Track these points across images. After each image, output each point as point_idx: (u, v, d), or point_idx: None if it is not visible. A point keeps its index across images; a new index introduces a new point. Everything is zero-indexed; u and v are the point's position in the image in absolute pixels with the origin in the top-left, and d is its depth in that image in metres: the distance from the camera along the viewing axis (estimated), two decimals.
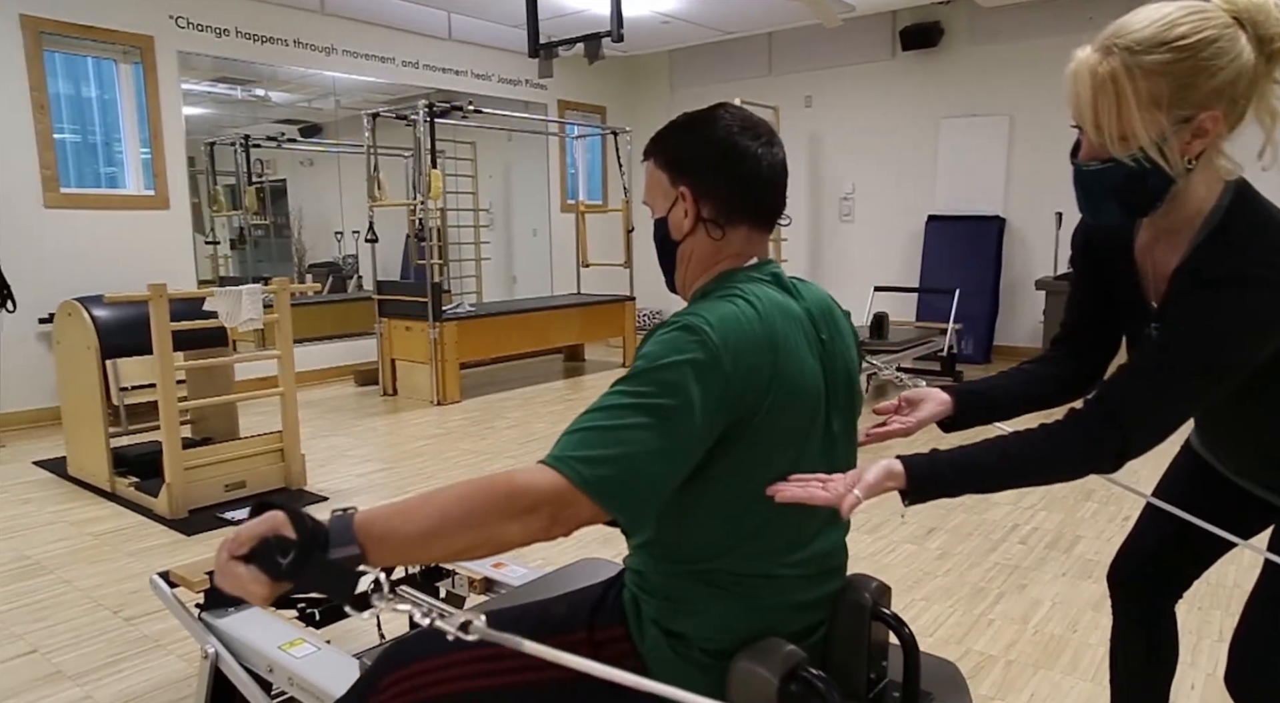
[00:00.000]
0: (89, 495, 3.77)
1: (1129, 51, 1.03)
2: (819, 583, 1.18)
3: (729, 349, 1.02)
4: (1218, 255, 1.09)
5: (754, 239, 1.21)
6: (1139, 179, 1.07)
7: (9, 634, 2.49)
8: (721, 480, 1.07)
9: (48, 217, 5.10)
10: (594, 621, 1.19)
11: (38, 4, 5.02)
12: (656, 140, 1.24)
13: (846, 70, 7.76)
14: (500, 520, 0.91)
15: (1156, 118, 1.03)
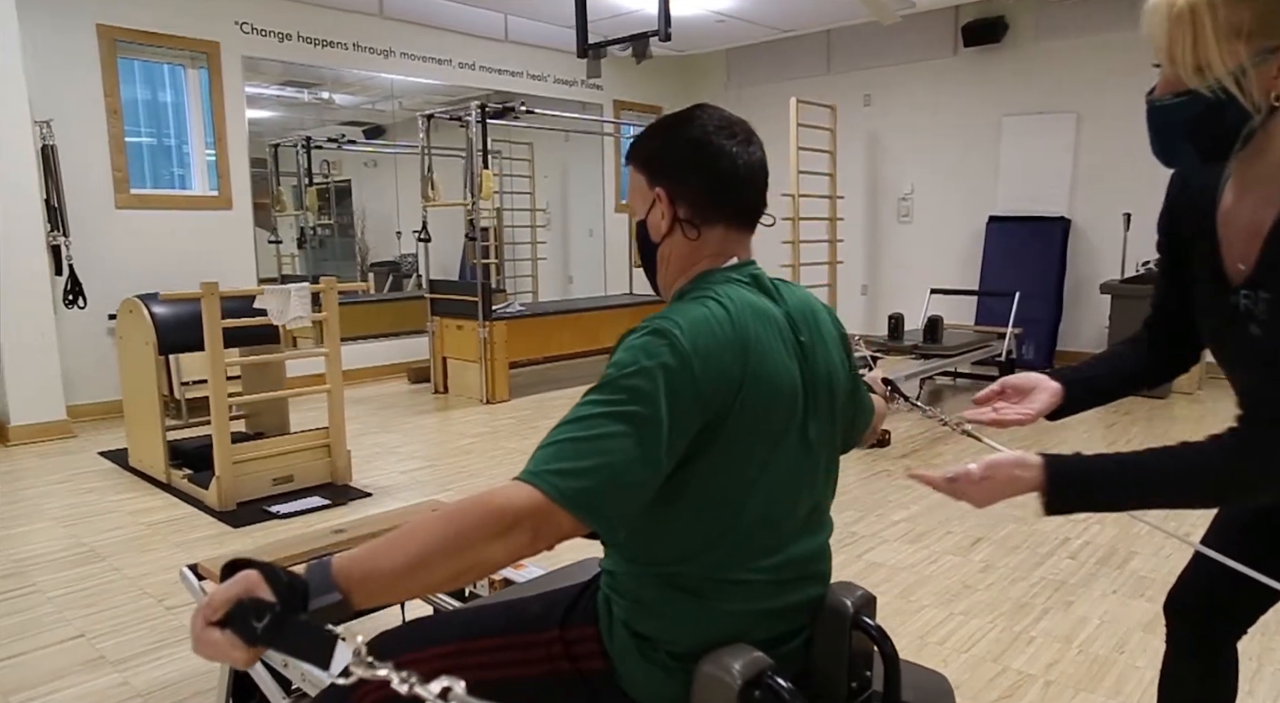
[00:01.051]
0: (146, 486, 3.91)
1: None
2: (794, 589, 1.15)
3: (699, 352, 1.01)
4: None
5: (732, 239, 1.19)
6: (1215, 113, 0.99)
7: (61, 619, 2.59)
8: (690, 483, 1.06)
9: (118, 217, 5.31)
10: (566, 620, 1.19)
11: (113, 13, 5.23)
12: (635, 143, 1.23)
13: (907, 68, 7.59)
14: (482, 543, 0.89)
15: (1236, 48, 0.95)
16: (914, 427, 4.93)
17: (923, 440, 4.63)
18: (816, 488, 1.18)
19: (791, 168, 7.14)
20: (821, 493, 1.20)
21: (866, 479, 3.96)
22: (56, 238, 4.86)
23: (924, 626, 2.48)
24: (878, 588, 2.74)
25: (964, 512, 3.45)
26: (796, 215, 7.17)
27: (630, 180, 1.23)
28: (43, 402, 4.73)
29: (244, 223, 5.97)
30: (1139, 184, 6.30)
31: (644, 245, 1.24)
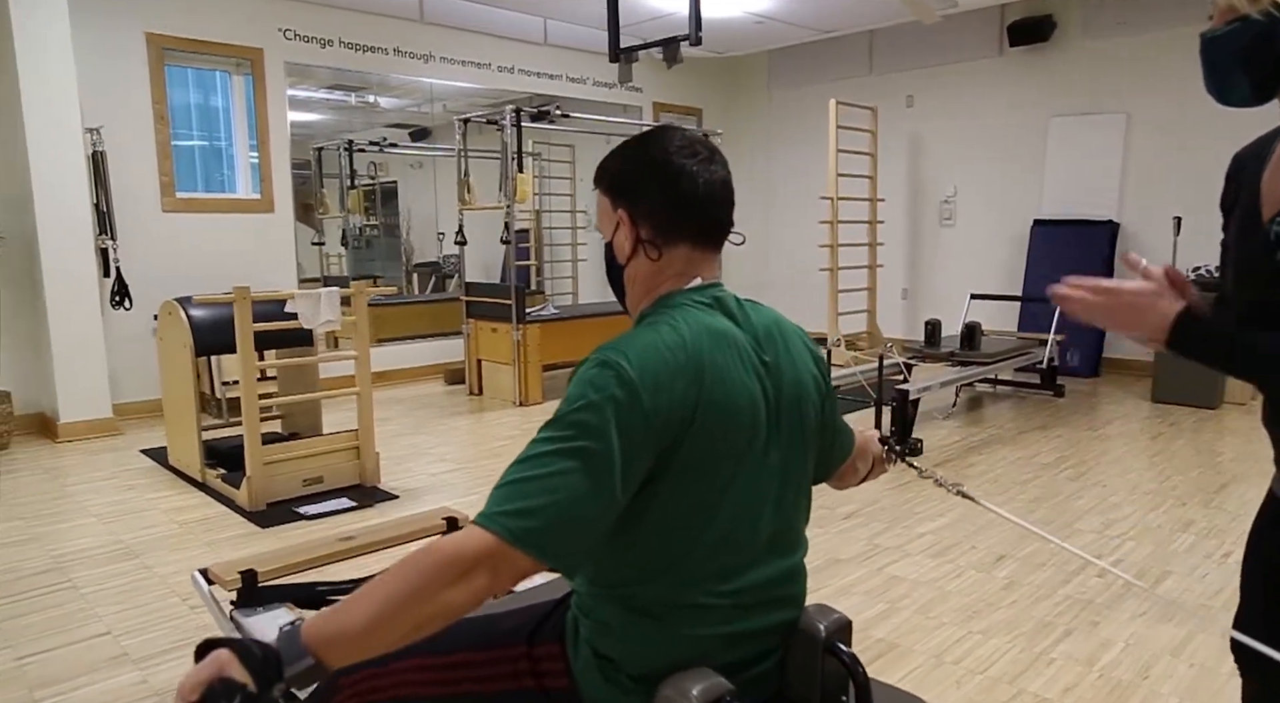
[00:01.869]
0: (183, 485, 4.01)
1: None
2: (761, 613, 1.15)
3: (647, 381, 1.01)
4: None
5: (696, 259, 1.18)
6: (1267, 37, 1.00)
7: (92, 615, 2.67)
8: (646, 509, 1.06)
9: (164, 220, 5.46)
10: (534, 637, 1.21)
11: (161, 23, 5.38)
12: (600, 165, 1.23)
13: (951, 68, 7.45)
14: (442, 590, 0.91)
15: None
16: (949, 436, 4.83)
17: (957, 450, 4.54)
18: (784, 511, 1.17)
19: (830, 170, 7.06)
20: (790, 517, 1.19)
21: (895, 489, 3.89)
22: (104, 241, 5.02)
23: (941, 644, 2.43)
24: (897, 604, 2.69)
25: (990, 526, 3.37)
26: (835, 219, 7.09)
27: (597, 202, 1.23)
28: (90, 400, 4.88)
29: (285, 226, 6.10)
30: (1190, 187, 6.09)
31: (610, 267, 1.24)
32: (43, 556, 3.17)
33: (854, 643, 2.33)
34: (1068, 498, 3.72)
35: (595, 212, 1.26)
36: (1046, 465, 4.21)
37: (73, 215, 4.76)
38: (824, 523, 3.45)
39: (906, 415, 4.39)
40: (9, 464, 4.43)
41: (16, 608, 2.74)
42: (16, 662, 2.39)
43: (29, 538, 3.36)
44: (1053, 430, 4.89)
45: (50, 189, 4.68)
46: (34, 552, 3.21)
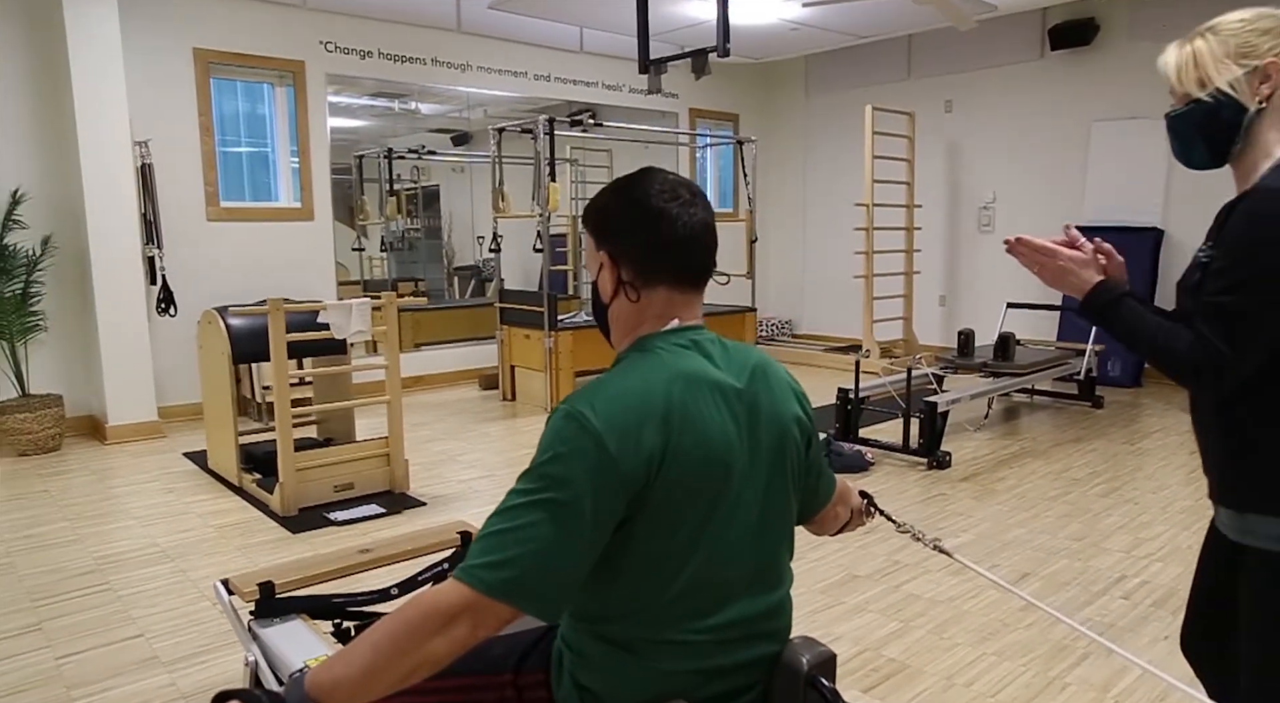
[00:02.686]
0: (220, 488, 4.14)
1: (1210, 29, 1.31)
2: (741, 648, 1.16)
3: (613, 430, 1.03)
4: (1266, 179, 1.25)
5: (676, 301, 1.20)
6: (1215, 112, 1.29)
7: (126, 618, 2.78)
8: (621, 550, 1.08)
9: (208, 229, 5.63)
10: (521, 664, 1.25)
11: (208, 38, 5.55)
12: (587, 205, 1.25)
13: (990, 72, 7.34)
14: (425, 641, 0.99)
15: (1228, 65, 1.28)
16: (980, 448, 4.78)
17: (987, 463, 4.48)
18: (765, 549, 1.19)
19: (866, 176, 7.01)
20: (772, 553, 1.20)
21: (922, 502, 3.86)
22: (151, 250, 5.19)
23: (953, 665, 2.42)
24: (911, 623, 2.68)
25: (1014, 544, 3.33)
26: (870, 225, 7.03)
27: (585, 242, 1.25)
28: (136, 403, 5.06)
29: (325, 233, 6.24)
30: None
31: (595, 306, 1.26)
32: (85, 557, 3.31)
33: (865, 662, 2.34)
34: (1097, 515, 3.65)
35: (584, 252, 1.29)
36: (1078, 481, 4.14)
37: (122, 225, 4.94)
38: (844, 538, 3.43)
39: (935, 427, 4.35)
40: (60, 465, 4.61)
41: (59, 608, 2.86)
42: (55, 661, 2.50)
43: (74, 539, 3.50)
44: (1088, 444, 4.80)
45: (101, 200, 4.86)
46: (77, 553, 3.35)
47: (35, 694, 2.32)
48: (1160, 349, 1.28)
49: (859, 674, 2.37)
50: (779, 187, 9.14)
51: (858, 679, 2.34)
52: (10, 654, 2.54)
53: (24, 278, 4.87)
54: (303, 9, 5.89)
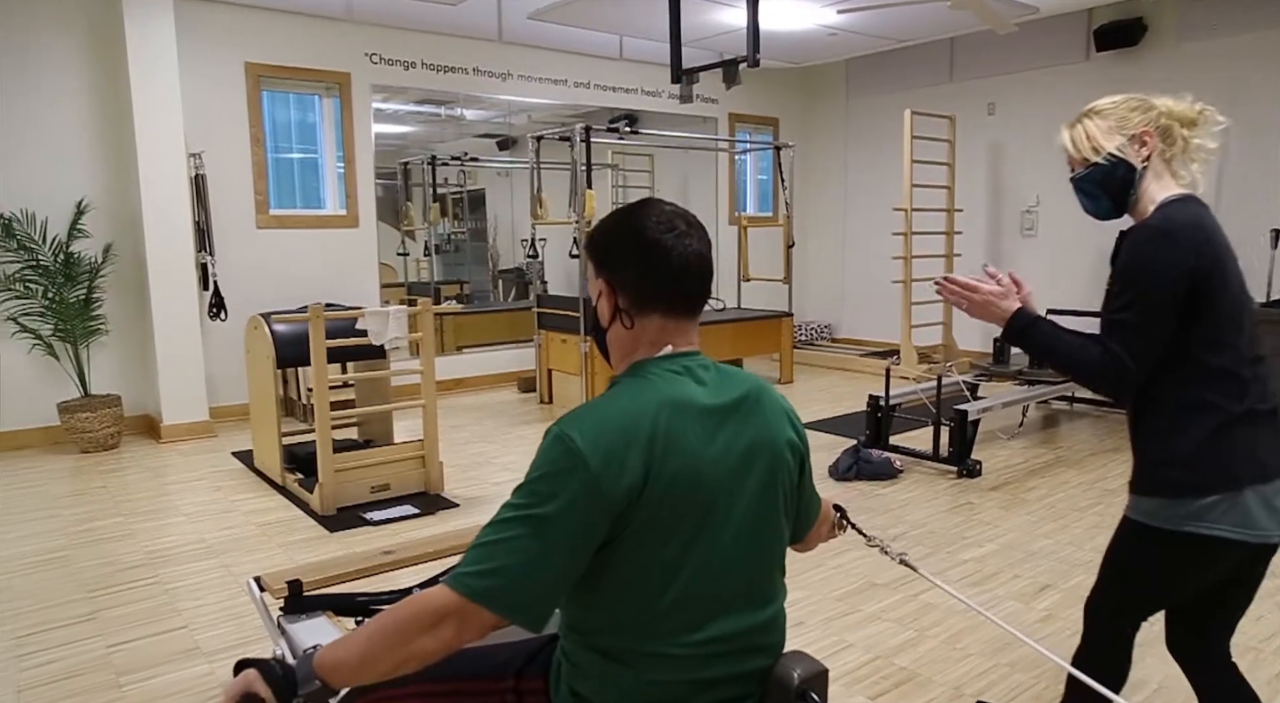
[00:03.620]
0: (265, 487, 4.31)
1: (1092, 111, 1.71)
2: (732, 661, 1.20)
3: (596, 453, 1.09)
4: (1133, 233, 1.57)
5: (670, 329, 1.24)
6: (1112, 171, 1.63)
7: (172, 609, 2.94)
8: (608, 567, 1.14)
9: (258, 236, 5.85)
10: (523, 671, 1.31)
11: (260, 52, 5.76)
12: (589, 232, 1.30)
13: (1034, 74, 7.24)
14: (414, 638, 1.07)
15: (1113, 135, 1.64)
16: (1013, 457, 4.74)
17: (1019, 472, 4.45)
18: (756, 567, 1.22)
19: (905, 181, 6.97)
20: (763, 571, 1.24)
21: (949, 511, 3.86)
22: (204, 257, 5.42)
23: (963, 676, 2.44)
24: (925, 632, 2.70)
25: (1039, 555, 3.32)
26: (909, 230, 7.00)
27: (588, 267, 1.30)
28: (189, 404, 5.29)
29: (369, 239, 6.43)
30: None
31: (595, 330, 1.31)
32: (137, 551, 3.49)
33: (875, 670, 2.38)
34: None
35: (587, 276, 1.35)
36: (1111, 491, 4.10)
37: (176, 234, 5.17)
38: (864, 547, 3.45)
39: (965, 435, 4.33)
40: (118, 463, 4.85)
41: (112, 600, 3.03)
42: (106, 649, 2.66)
43: (128, 534, 3.69)
44: (1123, 454, 4.73)
45: (157, 210, 5.09)
46: (130, 547, 3.53)
47: (87, 680, 2.48)
48: (1075, 362, 1.56)
49: (868, 682, 2.40)
50: (819, 190, 9.12)
51: (866, 687, 2.38)
52: (66, 642, 2.71)
53: (87, 284, 5.11)
54: (348, 22, 6.08)
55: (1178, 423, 1.53)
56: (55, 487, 4.39)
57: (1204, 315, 1.51)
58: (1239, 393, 1.53)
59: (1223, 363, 1.53)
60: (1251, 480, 1.51)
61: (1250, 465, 1.51)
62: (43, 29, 5.04)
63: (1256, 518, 1.51)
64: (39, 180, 5.08)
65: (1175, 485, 1.54)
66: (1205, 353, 1.52)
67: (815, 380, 7.21)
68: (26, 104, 5.04)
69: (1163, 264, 1.49)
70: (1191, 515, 1.52)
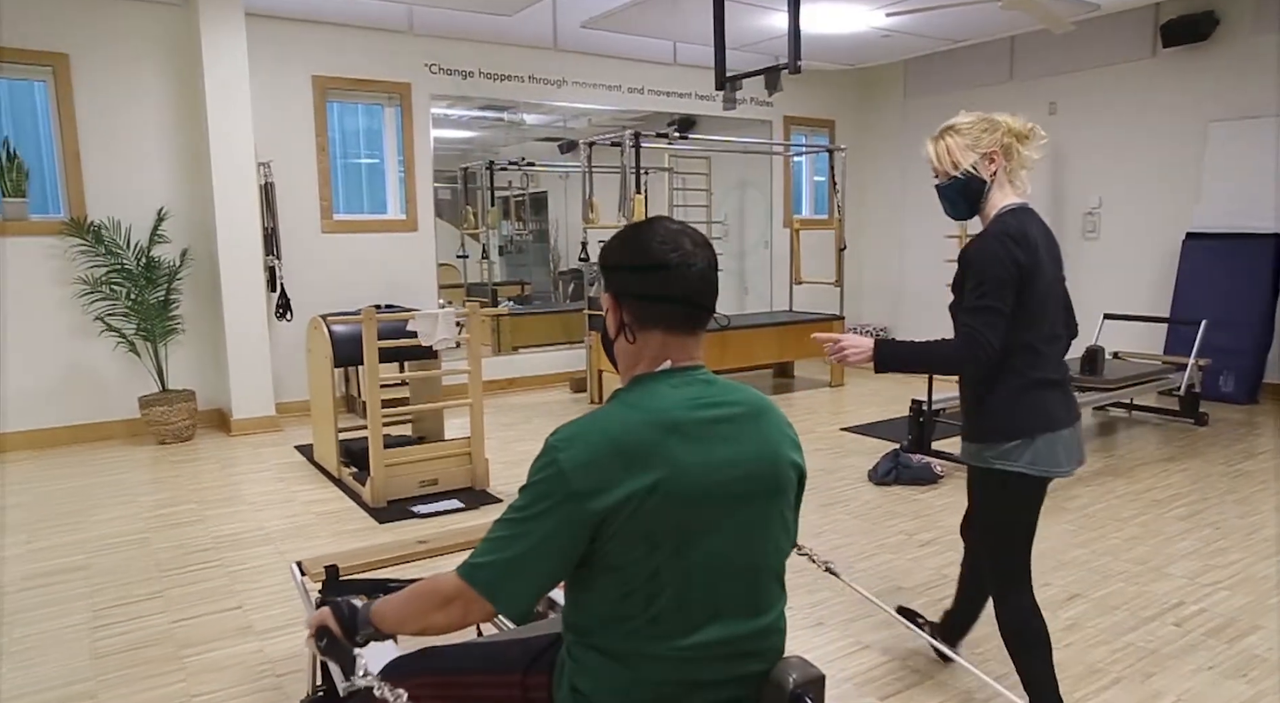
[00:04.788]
0: (322, 480, 4.54)
1: (951, 129, 2.05)
2: (725, 665, 1.26)
3: (577, 468, 1.18)
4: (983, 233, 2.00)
5: (672, 344, 1.29)
6: (967, 184, 2.03)
7: (230, 591, 3.15)
8: (594, 571, 1.22)
9: (322, 240, 6.13)
10: (529, 667, 1.39)
11: (326, 65, 6.04)
12: (601, 249, 1.38)
13: (1097, 72, 7.07)
14: (430, 612, 1.27)
15: (968, 153, 2.02)
16: None
17: (1063, 481, 4.39)
18: (752, 576, 1.27)
19: None
20: (759, 580, 1.29)
21: None
22: (271, 260, 5.71)
23: (976, 680, 2.46)
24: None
25: (1071, 565, 3.30)
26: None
27: (599, 281, 1.40)
28: (257, 399, 5.59)
29: (427, 243, 6.66)
30: None
31: (604, 342, 1.39)
32: (205, 536, 3.73)
33: (889, 672, 2.45)
34: (1169, 538, 3.56)
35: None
36: (1157, 502, 4.02)
37: (246, 239, 5.47)
38: (898, 549, 3.48)
39: None
40: (191, 454, 5.16)
41: (180, 579, 3.26)
42: (171, 624, 2.88)
43: (198, 520, 3.95)
44: (1179, 463, 4.62)
45: (229, 216, 5.39)
46: (199, 532, 3.78)
47: (152, 651, 2.69)
48: (946, 354, 1.98)
49: (880, 683, 2.45)
50: (876, 192, 9.05)
51: (878, 688, 2.43)
52: (137, 616, 2.94)
53: (166, 286, 5.45)
54: (409, 34, 6.32)
55: (993, 385, 1.98)
56: (135, 475, 4.71)
57: (1021, 301, 1.93)
58: (1039, 364, 1.98)
59: (1028, 340, 1.96)
60: (1043, 430, 1.96)
61: (1043, 419, 1.97)
62: (127, 46, 5.39)
63: (1045, 458, 1.98)
64: (124, 190, 5.44)
65: (990, 432, 2.00)
66: (1017, 331, 1.93)
67: (867, 385, 7.18)
68: (113, 118, 5.40)
69: (1006, 261, 1.91)
70: (1000, 455, 1.99)
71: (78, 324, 5.35)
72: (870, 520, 3.83)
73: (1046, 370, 1.99)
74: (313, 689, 2.16)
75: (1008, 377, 1.97)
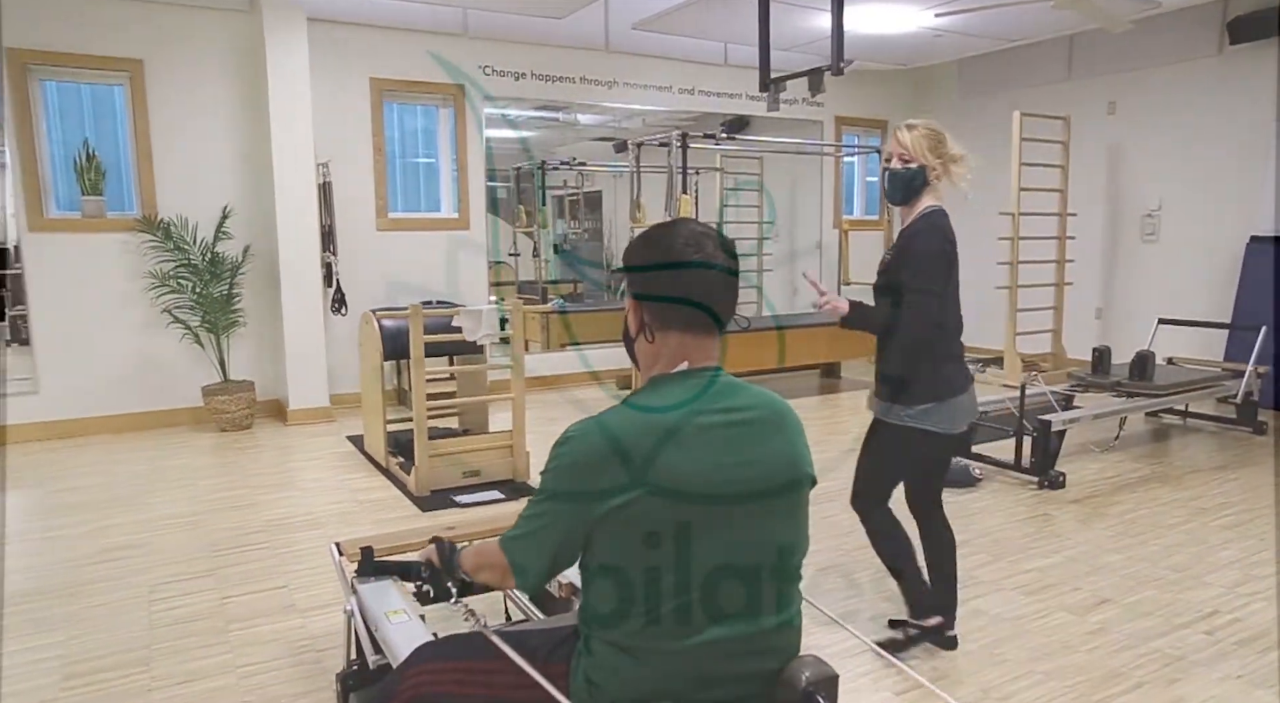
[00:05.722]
0: (371, 469, 4.71)
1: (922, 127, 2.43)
2: (735, 662, 1.28)
3: (575, 462, 1.26)
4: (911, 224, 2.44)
5: (690, 345, 1.31)
6: (919, 175, 2.41)
7: (279, 571, 3.31)
8: (596, 567, 1.29)
9: (378, 237, 6.33)
10: (549, 657, 1.44)
11: (383, 68, 6.24)
12: (625, 250, 1.40)
13: (1160, 71, 6.89)
14: (483, 569, 1.50)
15: (928, 153, 2.39)
16: (1105, 470, 4.59)
17: (1107, 486, 4.32)
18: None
19: (1013, 185, 6.79)
20: (771, 580, 1.31)
21: (1022, 521, 3.81)
22: (328, 257, 5.92)
23: (995, 679, 2.47)
24: (968, 636, 2.73)
25: (1105, 570, 3.26)
26: (1016, 235, 6.81)
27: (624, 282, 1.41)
28: (313, 391, 5.80)
29: (479, 241, 6.82)
30: None
31: (626, 341, 1.43)
32: (257, 519, 3.92)
33: (902, 669, 2.43)
34: (1211, 548, 3.48)
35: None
36: (1203, 511, 3.93)
37: (305, 236, 5.69)
38: None
39: (1048, 446, 4.24)
40: (250, 442, 5.39)
41: (232, 559, 3.44)
42: (221, 600, 3.05)
43: (251, 504, 4.14)
44: (1230, 472, 4.49)
45: (290, 214, 5.62)
46: (252, 516, 3.97)
47: (202, 624, 2.86)
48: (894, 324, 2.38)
49: (896, 678, 2.48)
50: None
51: (893, 683, 2.45)
52: (190, 592, 3.12)
53: (229, 281, 5.70)
54: (464, 37, 6.48)
55: (919, 356, 2.40)
56: (196, 460, 4.95)
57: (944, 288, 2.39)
58: (950, 340, 2.44)
59: (943, 320, 2.40)
60: (950, 395, 2.41)
61: (950, 386, 2.42)
62: (196, 52, 5.65)
63: (948, 419, 2.42)
64: (191, 188, 5.70)
65: (912, 396, 2.41)
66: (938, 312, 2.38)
67: None
68: (182, 120, 5.66)
69: (942, 253, 2.36)
70: (912, 416, 2.39)
71: (147, 316, 5.63)
72: (905, 522, 3.82)
73: (953, 347, 2.46)
74: (348, 664, 2.29)
75: (928, 350, 2.40)
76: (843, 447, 5.15)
